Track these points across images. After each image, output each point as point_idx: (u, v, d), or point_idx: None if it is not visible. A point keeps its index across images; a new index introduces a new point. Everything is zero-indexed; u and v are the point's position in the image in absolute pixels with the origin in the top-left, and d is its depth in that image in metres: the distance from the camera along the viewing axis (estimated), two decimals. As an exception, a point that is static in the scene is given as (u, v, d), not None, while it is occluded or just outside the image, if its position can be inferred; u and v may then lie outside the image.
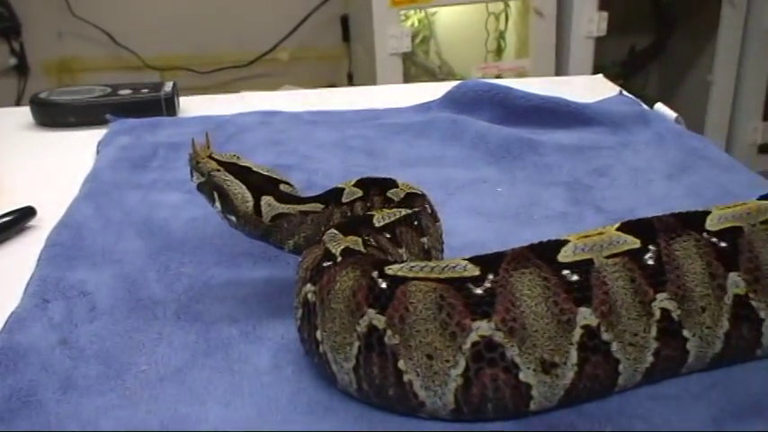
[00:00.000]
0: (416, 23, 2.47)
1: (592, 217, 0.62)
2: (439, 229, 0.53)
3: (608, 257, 0.42)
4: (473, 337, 0.40)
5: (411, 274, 0.41)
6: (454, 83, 0.88)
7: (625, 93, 0.90)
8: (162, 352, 0.47)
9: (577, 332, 0.40)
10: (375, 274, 0.42)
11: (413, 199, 0.53)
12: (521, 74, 2.44)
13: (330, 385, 0.44)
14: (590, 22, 2.28)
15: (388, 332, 0.40)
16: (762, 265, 0.43)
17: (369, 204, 0.54)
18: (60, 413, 0.42)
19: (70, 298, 0.53)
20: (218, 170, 0.53)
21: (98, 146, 0.80)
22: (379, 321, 0.41)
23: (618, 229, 0.44)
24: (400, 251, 0.49)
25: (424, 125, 0.79)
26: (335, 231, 0.47)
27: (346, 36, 2.75)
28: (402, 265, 0.42)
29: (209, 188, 0.53)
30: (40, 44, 2.70)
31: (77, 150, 0.80)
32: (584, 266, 0.41)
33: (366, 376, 0.42)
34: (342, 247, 0.45)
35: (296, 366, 0.46)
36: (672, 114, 0.82)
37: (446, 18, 2.43)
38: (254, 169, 0.55)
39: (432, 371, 0.40)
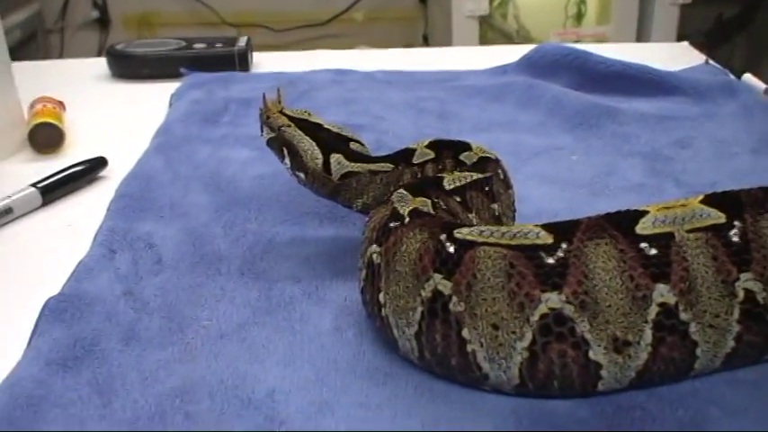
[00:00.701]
0: (496, -14, 2.42)
1: (671, 189, 0.59)
2: (511, 195, 0.52)
3: (690, 231, 0.39)
4: (542, 308, 0.38)
5: (481, 239, 0.39)
6: (531, 47, 0.85)
7: (711, 62, 0.86)
8: (224, 308, 0.47)
9: (653, 310, 0.38)
10: (443, 237, 0.40)
11: (486, 163, 0.51)
12: (600, 40, 2.37)
13: (392, 351, 0.43)
14: (676, -12, 2.19)
15: (454, 298, 0.39)
16: None
17: (440, 167, 0.53)
18: (122, 364, 0.42)
19: (137, 250, 0.53)
20: (289, 126, 0.53)
21: (171, 99, 0.80)
22: (445, 287, 0.39)
23: (701, 202, 0.41)
24: (470, 216, 0.48)
25: (499, 89, 0.77)
26: (404, 192, 0.46)
27: (424, -3, 2.71)
28: (472, 228, 0.40)
29: (279, 144, 0.53)
30: (122, -2, 2.75)
31: (150, 103, 0.80)
32: (663, 240, 0.39)
33: (428, 344, 0.40)
34: (410, 208, 0.43)
35: (357, 329, 0.45)
36: (761, 86, 0.78)
37: (526, -19, 2.37)
38: (325, 126, 0.54)
39: (497, 342, 0.39)
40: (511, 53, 0.87)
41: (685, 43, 0.98)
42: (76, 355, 0.43)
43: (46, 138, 0.69)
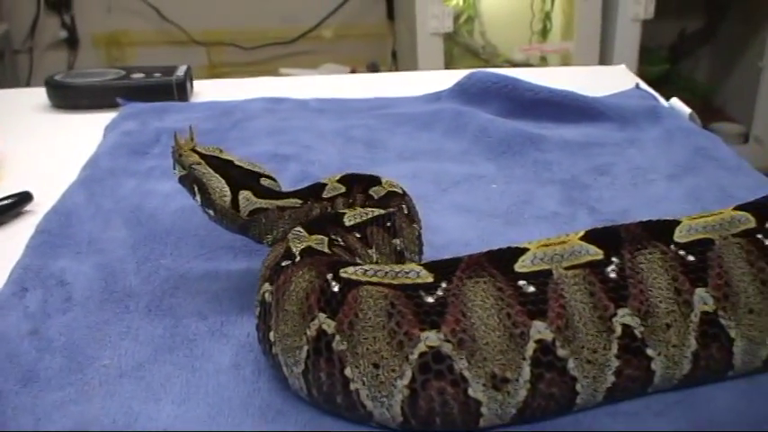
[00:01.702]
0: (461, 3, 2.44)
1: (584, 218, 0.61)
2: (416, 230, 0.52)
3: (568, 268, 0.41)
4: (421, 347, 0.39)
5: (365, 278, 0.40)
6: (464, 72, 0.86)
7: (642, 85, 0.87)
8: (126, 346, 0.48)
9: (531, 347, 0.39)
10: (330, 276, 0.41)
11: (391, 198, 0.52)
12: (565, 56, 2.40)
13: (286, 388, 0.43)
14: (637, 4, 2.22)
15: (337, 337, 0.40)
16: (732, 280, 0.42)
17: (351, 201, 0.54)
18: (17, 406, 0.43)
19: (48, 287, 0.54)
20: (199, 163, 0.53)
21: (105, 130, 0.80)
22: (329, 326, 0.40)
23: (582, 238, 0.42)
24: (370, 251, 0.49)
25: (428, 116, 0.78)
26: (301, 230, 0.47)
27: (391, 14, 2.73)
28: (358, 268, 0.41)
29: (190, 181, 0.53)
30: (90, 18, 2.76)
31: (86, 134, 0.81)
32: (541, 277, 0.40)
33: (315, 382, 0.41)
34: (303, 247, 0.44)
35: (255, 367, 0.45)
36: (686, 110, 0.80)
37: (492, -3, 2.39)
38: (236, 163, 0.55)
39: (378, 380, 0.39)
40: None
41: (623, 66, 0.99)
42: (-28, 397, 0.43)
43: (-27, 172, 0.70)
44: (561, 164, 0.69)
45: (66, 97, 0.88)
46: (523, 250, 0.41)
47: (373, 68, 2.57)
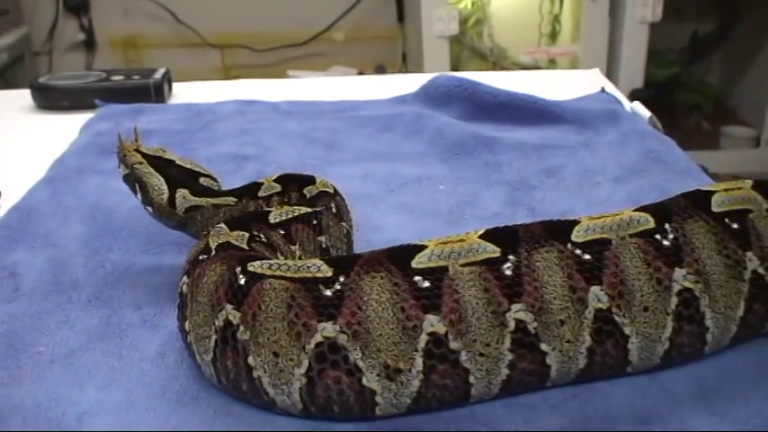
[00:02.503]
0: (470, 6, 2.46)
1: (523, 219, 0.62)
2: (343, 228, 0.55)
3: (464, 265, 0.42)
4: (317, 338, 0.41)
5: (269, 272, 0.42)
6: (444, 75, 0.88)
7: (609, 90, 0.89)
8: (63, 335, 0.50)
9: (423, 339, 0.41)
10: (239, 269, 0.43)
11: (321, 197, 0.55)
12: (572, 59, 2.40)
13: (202, 375, 0.46)
14: (644, 6, 2.22)
15: (241, 328, 0.42)
16: (627, 279, 0.43)
17: (286, 199, 0.56)
18: (-47, 388, 0.46)
19: (0, 278, 0.56)
20: (141, 163, 0.56)
21: (80, 130, 0.83)
22: (234, 317, 0.42)
23: (481, 236, 0.44)
24: (293, 248, 0.51)
25: (390, 119, 0.80)
26: (223, 226, 0.49)
27: (401, 16, 2.76)
28: (265, 262, 0.43)
29: (132, 180, 0.56)
30: (108, 21, 2.81)
31: (64, 134, 0.84)
32: (436, 273, 0.42)
33: (223, 370, 0.43)
34: (220, 242, 0.47)
35: (179, 355, 0.48)
36: (646, 114, 0.81)
37: (501, 0, 2.40)
38: (177, 163, 0.57)
39: (278, 368, 0.42)
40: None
41: (596, 70, 1.01)
42: None
43: (-52, 169, 0.73)
44: (511, 165, 0.71)
45: (49, 98, 0.91)
46: (422, 247, 0.43)
47: (380, 71, 2.60)
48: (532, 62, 2.41)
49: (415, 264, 0.42)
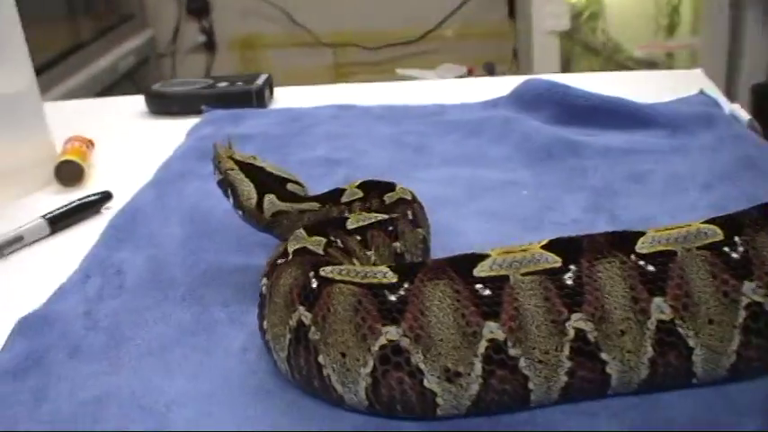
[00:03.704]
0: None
1: (603, 226, 0.62)
2: (419, 234, 0.56)
3: (525, 275, 0.44)
4: (381, 340, 0.43)
5: (339, 277, 0.45)
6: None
7: (709, 91, 0.87)
8: (158, 329, 0.54)
9: (483, 345, 0.43)
10: (312, 273, 0.46)
11: (398, 204, 0.57)
12: (692, 53, 2.33)
13: (278, 371, 0.49)
14: (770, -4, 2.13)
15: (312, 328, 0.45)
16: (693, 291, 0.43)
17: (367, 206, 0.59)
18: (60, 375, 0.50)
19: (107, 276, 0.61)
20: (233, 169, 0.60)
21: (186, 135, 0.88)
22: (306, 318, 0.45)
23: (543, 247, 0.45)
24: (369, 253, 0.53)
25: (478, 123, 0.82)
26: (302, 231, 0.52)
27: (512, 12, 2.74)
28: (336, 267, 0.46)
29: (225, 185, 0.60)
30: (227, 23, 2.92)
31: (173, 139, 0.89)
32: (498, 282, 0.43)
33: (296, 367, 0.46)
34: (297, 247, 0.50)
35: (259, 352, 0.51)
36: (745, 117, 0.79)
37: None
38: (267, 169, 0.61)
39: (345, 368, 0.44)
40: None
41: (698, 70, 0.98)
42: (27, 365, 0.51)
43: (69, 173, 0.79)
44: (597, 170, 0.71)
45: (161, 104, 0.97)
46: (485, 256, 0.45)
47: (489, 69, 2.59)
48: (647, 57, 2.36)
49: (476, 272, 0.44)
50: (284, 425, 0.45)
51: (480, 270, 0.44)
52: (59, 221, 0.71)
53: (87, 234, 0.70)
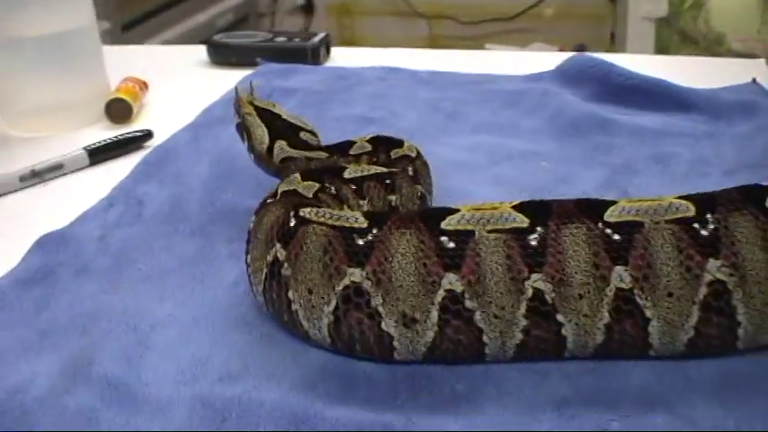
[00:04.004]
0: (691, -15, 2.34)
1: (612, 202, 0.62)
2: (417, 191, 0.58)
3: (490, 231, 0.45)
4: (345, 281, 0.45)
5: (315, 218, 0.47)
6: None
7: (760, 82, 0.84)
8: (162, 258, 0.58)
9: (440, 294, 0.44)
10: (292, 213, 0.48)
11: (401, 160, 0.58)
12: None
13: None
14: None
15: (285, 264, 0.47)
16: (655, 263, 0.44)
17: (375, 159, 0.60)
18: (65, 290, 0.54)
19: (129, 205, 0.65)
20: (250, 114, 0.62)
21: (236, 85, 0.91)
22: (281, 254, 0.47)
23: (514, 207, 0.46)
24: (362, 202, 0.55)
25: (518, 94, 0.82)
26: (297, 175, 0.54)
27: (613, -6, 2.67)
28: (314, 209, 0.48)
29: (242, 128, 0.63)
30: (326, -14, 2.96)
31: (225, 88, 0.92)
32: (462, 236, 0.45)
33: (270, 300, 0.49)
34: (287, 189, 0.52)
35: (248, 286, 0.53)
36: (794, 108, 0.77)
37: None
38: (284, 117, 0.63)
39: (310, 304, 0.46)
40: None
41: (762, 60, 0.95)
42: (36, 277, 0.56)
43: (118, 110, 0.83)
44: (622, 149, 0.70)
45: (220, 54, 1.01)
46: (455, 211, 0.46)
47: (580, 51, 2.53)
48: (747, 50, 2.27)
49: (444, 225, 0.45)
50: (251, 353, 0.47)
51: (448, 223, 0.45)
52: (99, 154, 0.75)
53: (124, 168, 0.74)
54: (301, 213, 0.48)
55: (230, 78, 0.96)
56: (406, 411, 0.42)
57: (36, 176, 0.71)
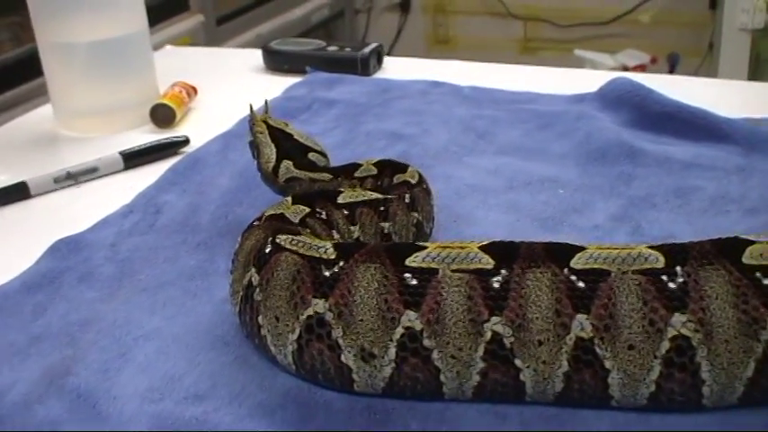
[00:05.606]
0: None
1: (622, 236, 0.61)
2: (413, 218, 0.58)
3: (454, 271, 0.44)
4: (309, 311, 0.46)
5: (289, 246, 0.48)
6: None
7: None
8: (163, 269, 0.60)
9: (399, 331, 0.44)
10: (270, 239, 0.49)
11: (400, 186, 0.58)
12: None
13: (239, 322, 0.53)
14: None
15: (257, 289, 0.48)
16: (618, 314, 0.43)
17: (379, 183, 0.61)
18: (64, 296, 0.57)
19: (146, 213, 0.68)
20: (262, 132, 0.64)
21: (282, 93, 0.93)
22: (255, 279, 0.48)
23: (481, 247, 0.46)
24: (352, 228, 0.55)
25: (553, 116, 0.80)
26: (288, 199, 0.55)
27: (713, 3, 2.58)
28: (291, 237, 0.49)
29: (254, 146, 0.64)
30: (424, -16, 2.96)
31: (274, 95, 0.94)
32: (425, 274, 0.45)
33: (244, 322, 0.50)
34: (273, 213, 0.53)
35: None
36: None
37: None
38: (294, 137, 0.64)
39: (277, 330, 0.47)
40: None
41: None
42: (41, 282, 0.58)
43: (162, 115, 0.86)
44: (645, 180, 0.68)
45: (275, 61, 1.02)
46: (423, 247, 0.46)
47: (673, 60, 2.46)
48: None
49: (408, 261, 0.45)
50: (221, 374, 0.48)
51: (413, 260, 0.45)
52: (134, 158, 0.78)
53: (158, 173, 0.76)
54: (277, 240, 0.49)
55: (279, 85, 0.98)
56: (355, 444, 0.43)
57: (70, 178, 0.75)
